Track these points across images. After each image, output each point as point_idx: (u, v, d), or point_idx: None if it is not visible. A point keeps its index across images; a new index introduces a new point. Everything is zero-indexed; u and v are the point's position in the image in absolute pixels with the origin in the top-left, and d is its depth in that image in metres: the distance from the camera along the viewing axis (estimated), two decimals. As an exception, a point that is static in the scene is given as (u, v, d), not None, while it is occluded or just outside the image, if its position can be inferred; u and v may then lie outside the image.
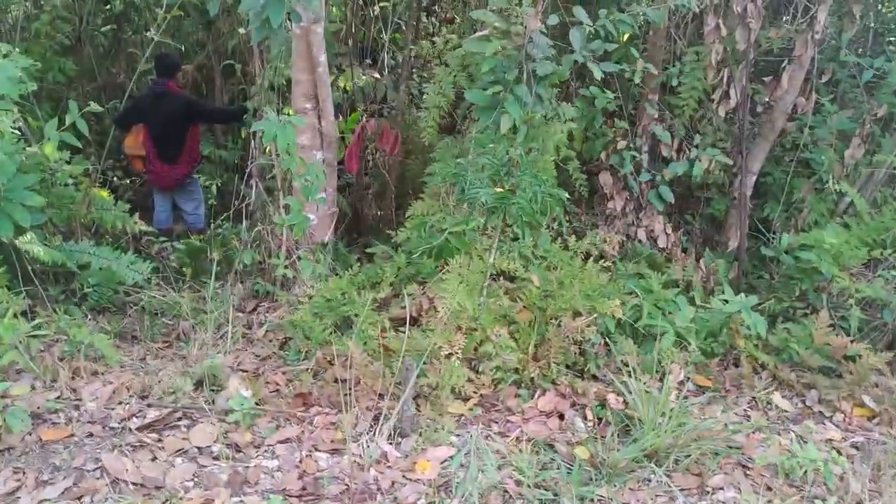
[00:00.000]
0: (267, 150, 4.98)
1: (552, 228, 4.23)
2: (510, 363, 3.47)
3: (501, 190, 3.26)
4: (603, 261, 4.09)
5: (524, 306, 3.73)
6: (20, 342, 3.34)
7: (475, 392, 3.41)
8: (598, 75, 3.95)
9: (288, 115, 5.14)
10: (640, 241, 4.52)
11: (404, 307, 3.96)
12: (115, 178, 6.81)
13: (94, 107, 4.04)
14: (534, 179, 3.27)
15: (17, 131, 3.39)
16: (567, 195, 3.67)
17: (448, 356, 3.29)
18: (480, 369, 3.51)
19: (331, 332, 3.77)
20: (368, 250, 4.74)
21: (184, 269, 5.04)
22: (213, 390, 3.37)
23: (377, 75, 5.66)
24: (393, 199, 5.62)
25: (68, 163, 4.27)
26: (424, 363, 3.50)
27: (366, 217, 5.67)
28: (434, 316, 3.80)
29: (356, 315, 3.85)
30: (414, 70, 5.73)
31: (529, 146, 3.80)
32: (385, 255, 4.59)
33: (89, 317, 4.22)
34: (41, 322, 3.51)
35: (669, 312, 4.07)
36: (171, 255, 5.12)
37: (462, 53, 4.41)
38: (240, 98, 8.41)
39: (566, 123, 4.02)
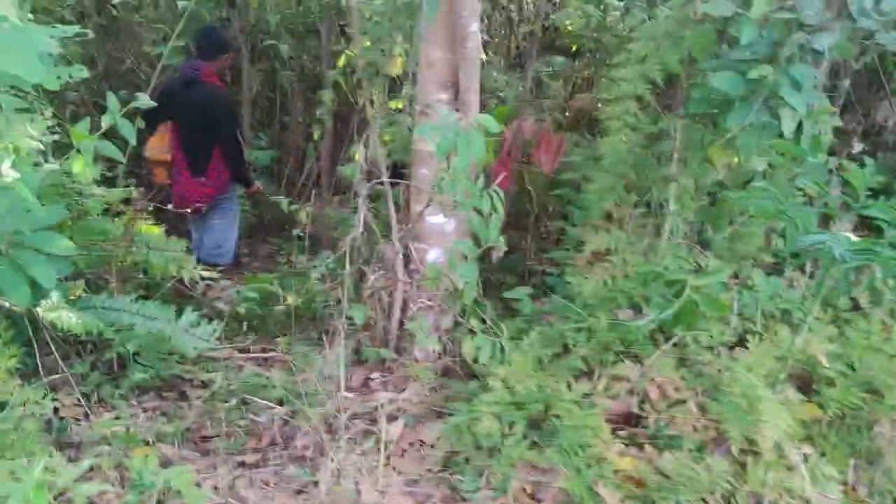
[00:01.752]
0: (355, 156, 3.65)
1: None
2: (835, 504, 2.22)
3: (861, 238, 2.00)
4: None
5: (817, 403, 2.49)
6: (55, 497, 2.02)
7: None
8: (898, 50, 2.72)
9: (398, 109, 3.86)
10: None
11: (615, 397, 2.72)
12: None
13: (142, 99, 2.71)
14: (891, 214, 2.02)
15: (44, 144, 2.04)
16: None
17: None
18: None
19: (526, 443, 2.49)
20: (508, 295, 3.45)
21: (251, 321, 3.70)
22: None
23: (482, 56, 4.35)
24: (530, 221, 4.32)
25: (101, 184, 2.94)
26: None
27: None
28: (679, 414, 2.56)
29: (549, 411, 2.59)
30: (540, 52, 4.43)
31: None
32: (543, 311, 3.28)
33: (138, 407, 2.92)
34: (91, 460, 2.17)
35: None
36: (238, 304, 3.72)
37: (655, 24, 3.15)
38: (269, 88, 7.02)
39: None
